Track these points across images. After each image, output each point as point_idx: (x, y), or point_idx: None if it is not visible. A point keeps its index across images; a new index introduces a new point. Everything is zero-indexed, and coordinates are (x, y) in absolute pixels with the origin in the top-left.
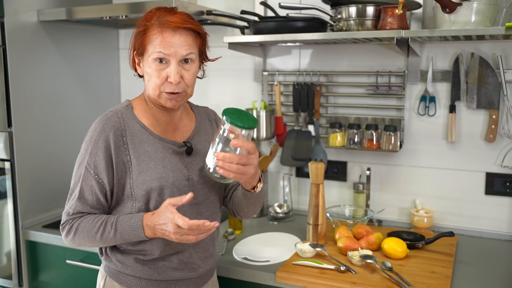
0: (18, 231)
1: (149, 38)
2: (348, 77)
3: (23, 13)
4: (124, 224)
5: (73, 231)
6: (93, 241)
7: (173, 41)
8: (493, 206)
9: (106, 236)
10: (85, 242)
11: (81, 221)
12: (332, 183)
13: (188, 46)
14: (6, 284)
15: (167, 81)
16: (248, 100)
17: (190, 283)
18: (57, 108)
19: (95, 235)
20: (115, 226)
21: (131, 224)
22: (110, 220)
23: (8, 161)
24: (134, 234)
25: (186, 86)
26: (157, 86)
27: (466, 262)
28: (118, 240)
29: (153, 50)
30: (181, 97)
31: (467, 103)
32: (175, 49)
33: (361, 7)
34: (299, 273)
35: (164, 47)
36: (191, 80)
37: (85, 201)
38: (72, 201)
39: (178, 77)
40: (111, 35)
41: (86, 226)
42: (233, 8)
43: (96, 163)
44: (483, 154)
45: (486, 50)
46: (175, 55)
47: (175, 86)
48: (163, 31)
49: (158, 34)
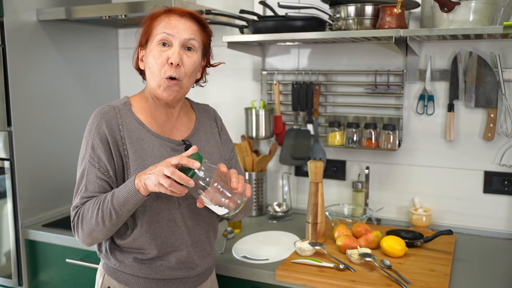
0: (17, 230)
1: (156, 22)
2: (347, 76)
3: (23, 13)
4: (120, 187)
5: (80, 220)
6: (98, 222)
7: (178, 24)
8: (492, 205)
9: (106, 208)
10: (92, 226)
11: (84, 207)
12: (331, 182)
13: (192, 32)
14: (6, 283)
15: (167, 63)
16: (247, 100)
17: (188, 281)
18: (56, 107)
19: (98, 212)
20: (112, 193)
21: (125, 182)
22: (109, 193)
23: (8, 161)
24: (126, 190)
25: (183, 74)
26: (158, 70)
27: (465, 260)
28: (116, 206)
29: (158, 32)
30: (177, 87)
31: (465, 102)
32: (179, 31)
33: (359, 6)
34: (298, 271)
35: (168, 28)
36: (190, 68)
37: (92, 194)
38: (78, 196)
39: (178, 58)
40: (111, 35)
41: (90, 208)
42: (232, 8)
43: (99, 155)
44: (482, 153)
45: (484, 49)
46: (178, 37)
47: (174, 70)
48: (170, 15)
49: (165, 17)
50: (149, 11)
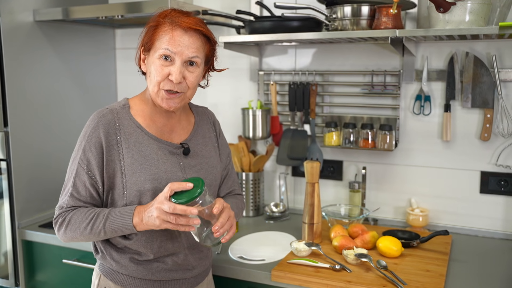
0: (14, 231)
1: (159, 34)
2: (343, 77)
3: (19, 13)
4: (116, 212)
5: (65, 224)
6: (83, 233)
7: (181, 40)
8: (488, 205)
9: (96, 227)
10: (76, 234)
11: (73, 214)
12: (328, 182)
13: (195, 49)
14: (3, 283)
15: (167, 78)
16: (244, 100)
17: (185, 282)
18: (53, 108)
19: (86, 226)
20: (107, 216)
21: (123, 210)
22: (103, 211)
23: (4, 161)
24: (122, 222)
25: (187, 88)
26: (157, 82)
27: (461, 260)
28: (107, 230)
29: (160, 46)
30: (179, 99)
31: (462, 102)
32: (182, 48)
33: (356, 7)
34: (294, 271)
35: (171, 45)
36: (194, 83)
37: (78, 196)
38: (65, 195)
39: (180, 77)
40: (108, 35)
41: (79, 218)
42: (229, 8)
43: (89, 159)
44: (478, 153)
45: (481, 50)
46: (181, 55)
47: (175, 85)
48: (174, 29)
49: (169, 31)
50: (155, 11)
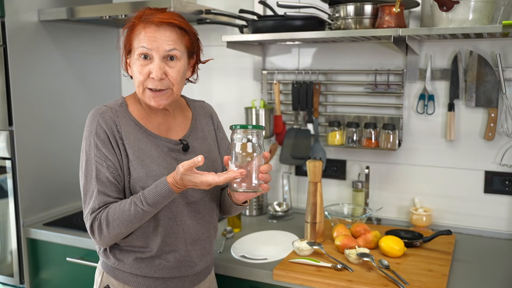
0: (19, 229)
1: (135, 33)
2: (347, 76)
3: (24, 13)
4: (155, 194)
5: (104, 223)
6: (129, 224)
7: (156, 35)
8: (492, 205)
9: (139, 211)
10: (121, 228)
11: (108, 211)
12: (331, 181)
13: (172, 42)
14: (8, 281)
15: (149, 77)
16: (247, 99)
17: (187, 280)
18: (57, 107)
19: (129, 215)
20: (145, 199)
21: (161, 192)
22: (135, 197)
23: (9, 160)
24: (165, 198)
25: (171, 84)
26: (140, 82)
27: (464, 260)
28: (152, 210)
29: (137, 45)
30: (166, 96)
31: (465, 101)
32: (158, 44)
33: (359, 6)
34: (296, 271)
35: (147, 42)
36: (176, 78)
37: (106, 194)
38: (92, 198)
39: (160, 73)
40: (112, 35)
41: (116, 211)
42: (233, 7)
43: (105, 154)
44: (482, 153)
45: (485, 48)
46: (158, 50)
47: (158, 83)
48: (147, 26)
49: (142, 29)
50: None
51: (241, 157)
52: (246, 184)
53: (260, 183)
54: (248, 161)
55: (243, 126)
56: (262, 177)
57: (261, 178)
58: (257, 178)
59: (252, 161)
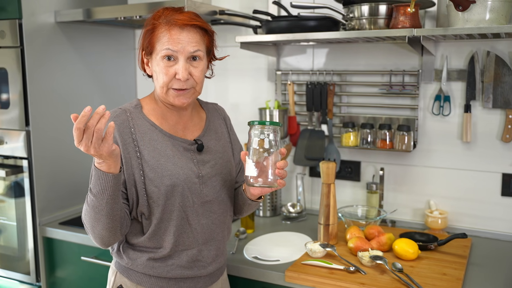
0: (35, 228)
1: (157, 36)
2: (361, 77)
3: (41, 14)
4: (92, 179)
5: (84, 223)
6: (93, 217)
7: (180, 38)
8: (510, 208)
9: (90, 202)
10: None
11: None
12: (345, 183)
13: (195, 43)
14: (25, 279)
15: (175, 78)
16: (262, 100)
17: (200, 281)
18: (74, 108)
19: (86, 208)
20: (89, 188)
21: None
22: None
23: (26, 160)
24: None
25: (195, 83)
26: (164, 83)
27: (480, 264)
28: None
29: (161, 48)
30: (189, 94)
31: (482, 102)
32: (183, 45)
33: (373, 6)
34: (308, 273)
35: (172, 44)
36: (200, 77)
37: None
38: None
39: (186, 74)
40: (127, 35)
41: (84, 210)
42: (247, 8)
43: None
44: (499, 155)
45: (503, 48)
46: (183, 52)
47: (183, 83)
48: (171, 28)
49: (166, 32)
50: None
51: (258, 153)
52: (262, 179)
53: (276, 179)
54: (265, 157)
55: (261, 122)
56: (279, 173)
57: (277, 174)
58: (273, 173)
59: (269, 157)
